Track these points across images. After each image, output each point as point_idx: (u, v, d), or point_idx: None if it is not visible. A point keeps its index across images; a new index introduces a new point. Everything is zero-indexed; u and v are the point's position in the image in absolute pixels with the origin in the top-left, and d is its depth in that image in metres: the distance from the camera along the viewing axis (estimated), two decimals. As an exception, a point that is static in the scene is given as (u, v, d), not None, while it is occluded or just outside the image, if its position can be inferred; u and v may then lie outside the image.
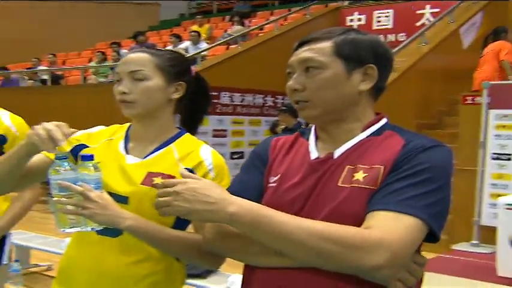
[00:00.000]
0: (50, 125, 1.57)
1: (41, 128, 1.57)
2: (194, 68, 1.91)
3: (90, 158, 1.59)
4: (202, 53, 11.20)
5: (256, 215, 1.29)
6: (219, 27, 15.31)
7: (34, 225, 6.21)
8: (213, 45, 11.99)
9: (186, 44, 12.55)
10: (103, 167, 1.68)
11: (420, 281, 1.42)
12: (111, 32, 16.49)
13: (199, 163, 1.75)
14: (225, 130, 10.20)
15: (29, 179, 1.79)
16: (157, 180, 1.67)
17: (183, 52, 11.04)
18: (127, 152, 1.80)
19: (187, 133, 1.87)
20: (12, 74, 13.69)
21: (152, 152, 1.78)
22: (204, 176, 1.70)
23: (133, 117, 1.81)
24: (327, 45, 1.42)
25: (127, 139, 1.84)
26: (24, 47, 15.86)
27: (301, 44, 1.47)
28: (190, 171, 1.68)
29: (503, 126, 6.53)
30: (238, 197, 1.33)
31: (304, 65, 1.43)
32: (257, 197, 1.45)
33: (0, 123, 2.45)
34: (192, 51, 11.66)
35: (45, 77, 12.78)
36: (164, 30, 16.87)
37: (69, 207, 1.55)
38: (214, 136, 9.97)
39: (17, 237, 5.85)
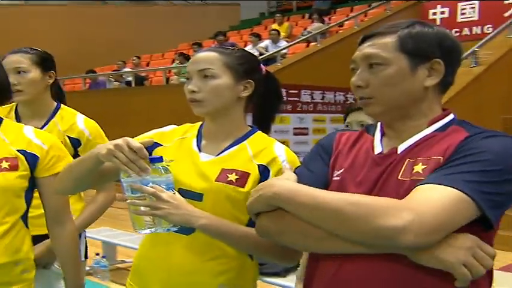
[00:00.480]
0: (131, 154, 1.56)
1: (120, 151, 1.57)
2: (264, 67, 1.90)
3: (159, 159, 1.59)
4: (282, 52, 11.18)
5: (296, 190, 1.35)
6: (299, 25, 15.24)
7: (120, 223, 6.30)
8: (293, 43, 11.96)
9: (265, 42, 12.57)
10: (177, 164, 1.71)
11: (490, 277, 1.35)
12: (193, 33, 16.74)
13: (273, 159, 1.75)
14: (306, 128, 10.12)
15: (103, 179, 1.82)
16: (232, 177, 1.70)
17: (262, 51, 11.08)
18: (200, 149, 1.80)
19: (259, 131, 1.87)
20: (99, 77, 14.05)
21: (225, 149, 1.79)
22: (278, 172, 1.71)
23: (204, 115, 1.81)
24: (390, 40, 1.39)
25: (199, 137, 1.84)
26: (110, 50, 16.29)
27: (365, 39, 1.44)
28: (265, 167, 1.72)
29: None
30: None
31: (367, 61, 1.41)
32: (323, 187, 1.43)
33: (75, 127, 2.55)
34: (271, 50, 11.67)
35: (129, 78, 13.07)
36: (244, 30, 16.96)
37: (143, 208, 1.57)
38: (296, 134, 9.92)
39: (105, 234, 6.00)
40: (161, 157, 1.60)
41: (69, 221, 2.08)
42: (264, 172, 1.73)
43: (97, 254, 5.64)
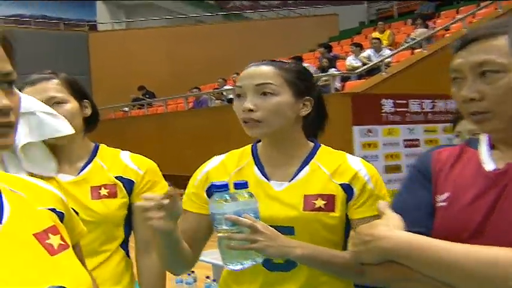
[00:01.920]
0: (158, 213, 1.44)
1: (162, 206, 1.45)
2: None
3: (245, 185, 1.47)
4: (386, 60, 10.73)
5: (412, 247, 1.18)
6: (401, 32, 14.68)
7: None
8: (397, 51, 11.47)
9: (368, 52, 12.15)
10: None
11: None
12: (292, 46, 16.62)
13: (354, 176, 1.63)
14: (417, 140, 9.63)
15: (197, 247, 1.70)
16: (319, 203, 1.59)
17: (365, 61, 10.75)
18: (268, 178, 1.65)
19: (322, 145, 1.73)
20: (202, 95, 14.16)
21: (297, 173, 1.65)
22: (363, 188, 1.62)
23: (261, 137, 1.67)
24: (505, 42, 1.19)
25: (259, 164, 1.69)
26: (210, 69, 16.52)
27: (468, 42, 1.24)
28: (348, 186, 1.61)
29: None
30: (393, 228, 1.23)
31: (479, 69, 1.22)
32: (427, 217, 1.29)
33: (123, 166, 1.99)
34: (375, 59, 11.24)
35: (231, 96, 12.92)
36: (344, 40, 16.62)
37: (235, 242, 1.45)
38: (406, 146, 9.44)
39: (214, 256, 5.67)
40: (246, 182, 1.48)
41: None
42: (348, 191, 1.63)
43: (207, 277, 5.52)
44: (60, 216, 1.13)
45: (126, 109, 15.79)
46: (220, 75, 15.11)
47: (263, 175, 1.66)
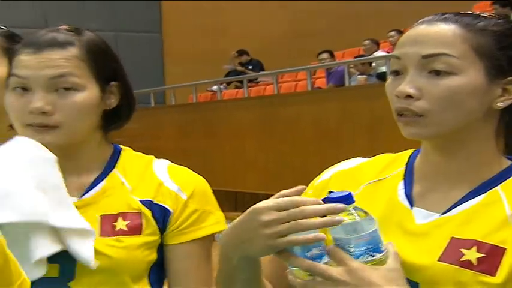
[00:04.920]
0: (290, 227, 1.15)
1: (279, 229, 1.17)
2: None
3: (349, 198, 1.17)
4: None
5: None
6: None
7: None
8: None
9: None
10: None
11: None
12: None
13: None
14: None
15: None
16: (470, 255, 1.24)
17: None
18: (412, 202, 1.32)
19: None
20: (336, 66, 11.20)
21: (462, 201, 1.29)
22: None
23: (426, 139, 1.33)
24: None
25: (409, 178, 1.37)
26: (353, 23, 14.02)
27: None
28: None
29: None
30: None
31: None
32: None
33: (158, 185, 1.60)
34: None
35: (383, 69, 10.25)
36: None
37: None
38: None
39: None
40: (349, 193, 1.18)
41: None
42: None
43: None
44: None
45: (215, 88, 13.19)
46: (367, 33, 11.82)
47: (406, 196, 1.36)
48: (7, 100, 1.47)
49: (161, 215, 1.53)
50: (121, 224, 1.51)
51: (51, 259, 1.40)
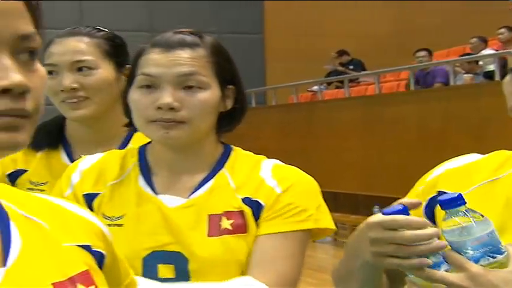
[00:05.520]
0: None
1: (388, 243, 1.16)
2: None
3: (459, 199, 1.13)
4: None
5: None
6: None
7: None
8: None
9: None
10: None
11: None
12: None
13: None
14: None
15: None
16: None
17: None
18: None
19: None
20: (438, 65, 10.65)
21: None
22: None
23: None
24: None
25: None
26: (459, 19, 13.43)
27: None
28: None
29: None
30: None
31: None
32: None
33: (259, 183, 1.54)
34: None
35: (492, 67, 9.46)
36: None
37: None
38: None
39: None
40: (459, 195, 1.14)
41: None
42: None
43: None
44: (98, 257, 0.89)
45: (315, 88, 12.94)
46: (474, 30, 10.96)
47: None
48: (132, 98, 1.47)
49: (257, 211, 1.52)
50: (226, 224, 1.51)
51: (166, 260, 1.42)
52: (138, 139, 1.77)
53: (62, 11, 11.83)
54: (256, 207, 1.50)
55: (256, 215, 1.49)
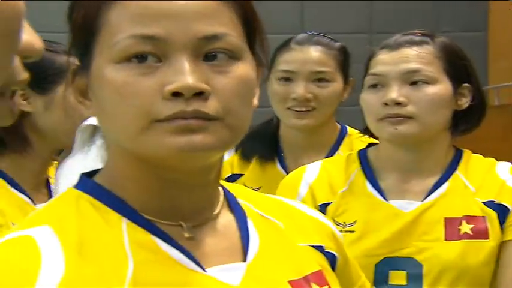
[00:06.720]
0: None
1: None
2: None
3: None
4: None
5: None
6: None
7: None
8: None
9: None
10: None
11: None
12: None
13: None
14: None
15: None
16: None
17: None
18: None
19: None
20: None
21: None
22: None
23: None
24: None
25: None
26: None
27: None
28: None
29: None
30: None
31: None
32: None
33: (501, 185, 1.49)
34: None
35: None
36: None
37: None
38: None
39: None
40: None
41: None
42: None
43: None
44: (331, 259, 0.87)
45: None
46: None
47: None
48: (363, 99, 1.44)
49: (503, 215, 1.42)
50: (466, 228, 1.41)
51: (398, 266, 1.36)
52: (348, 145, 1.78)
53: (282, 13, 11.96)
54: (502, 212, 1.40)
55: (502, 220, 1.40)
